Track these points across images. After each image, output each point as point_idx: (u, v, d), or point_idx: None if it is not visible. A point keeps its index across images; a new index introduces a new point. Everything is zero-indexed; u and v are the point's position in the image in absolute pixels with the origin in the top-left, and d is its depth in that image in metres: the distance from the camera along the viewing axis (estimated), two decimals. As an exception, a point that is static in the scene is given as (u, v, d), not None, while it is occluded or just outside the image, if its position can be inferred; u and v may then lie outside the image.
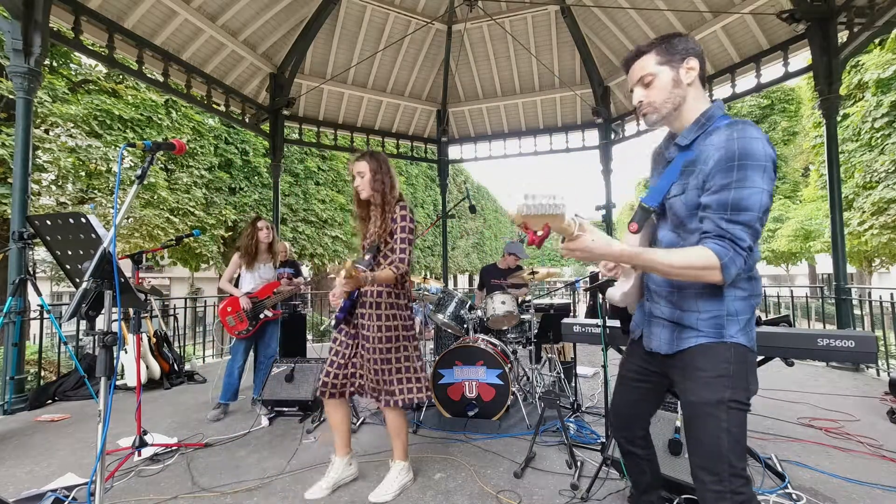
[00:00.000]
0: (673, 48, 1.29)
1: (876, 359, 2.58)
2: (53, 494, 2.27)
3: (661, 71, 1.30)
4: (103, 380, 1.17)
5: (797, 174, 22.11)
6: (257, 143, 12.31)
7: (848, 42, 4.98)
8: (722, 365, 1.24)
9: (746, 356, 1.26)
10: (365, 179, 2.35)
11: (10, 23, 3.92)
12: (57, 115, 7.63)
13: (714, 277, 1.17)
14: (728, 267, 1.16)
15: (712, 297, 1.27)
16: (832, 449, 2.83)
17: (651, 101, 1.33)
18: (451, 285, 29.48)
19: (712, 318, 1.27)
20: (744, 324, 1.26)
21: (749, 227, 1.16)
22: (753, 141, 1.16)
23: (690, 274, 1.20)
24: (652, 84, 1.31)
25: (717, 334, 1.26)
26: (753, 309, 1.29)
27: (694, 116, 1.31)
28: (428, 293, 4.29)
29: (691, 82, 1.30)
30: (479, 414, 3.44)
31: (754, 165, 1.15)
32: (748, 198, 1.15)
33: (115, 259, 1.18)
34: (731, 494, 1.20)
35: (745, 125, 1.20)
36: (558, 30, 7.47)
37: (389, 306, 2.32)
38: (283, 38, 6.95)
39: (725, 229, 1.17)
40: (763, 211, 1.17)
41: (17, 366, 3.95)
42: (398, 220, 2.30)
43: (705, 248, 1.17)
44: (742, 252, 1.16)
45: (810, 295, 7.56)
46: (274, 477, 2.58)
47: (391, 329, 2.30)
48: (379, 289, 2.31)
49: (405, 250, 2.29)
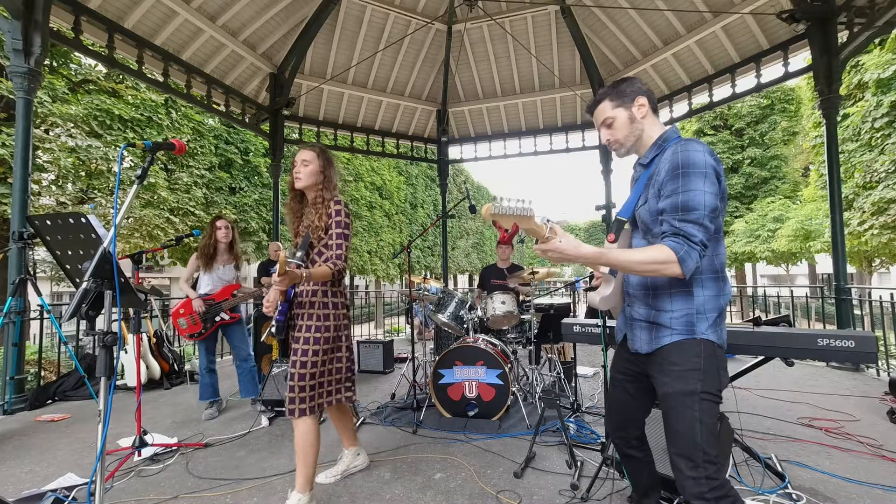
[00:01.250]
0: (623, 93, 1.53)
1: (876, 359, 2.58)
2: (53, 494, 2.27)
3: (618, 113, 1.53)
4: (103, 380, 1.17)
5: (797, 174, 22.10)
6: (257, 143, 12.31)
7: (848, 42, 4.98)
8: (693, 359, 1.37)
9: (715, 351, 1.38)
10: (308, 169, 2.25)
11: (10, 23, 3.92)
12: (57, 115, 7.63)
13: (674, 270, 1.30)
14: (685, 260, 1.28)
15: (683, 296, 1.41)
16: (832, 449, 2.83)
17: (616, 139, 1.56)
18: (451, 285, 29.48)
19: (683, 315, 1.40)
20: (712, 321, 1.39)
21: (698, 223, 1.31)
22: (694, 153, 1.34)
23: (652, 269, 1.33)
24: (613, 125, 1.55)
25: (689, 331, 1.39)
26: (722, 308, 1.42)
27: (652, 141, 1.53)
28: (428, 293, 4.29)
29: (644, 116, 1.53)
30: (479, 414, 3.44)
31: (696, 172, 1.33)
32: (693, 199, 1.32)
33: (115, 259, 1.18)
34: (706, 479, 1.30)
35: (688, 141, 1.39)
36: (558, 30, 7.47)
37: (323, 306, 2.21)
38: (283, 38, 6.95)
39: (679, 227, 1.32)
40: (709, 209, 1.32)
41: (17, 366, 3.96)
42: (333, 214, 2.20)
43: (663, 245, 1.32)
44: (695, 246, 1.30)
45: (810, 295, 7.56)
46: (274, 477, 2.58)
47: (327, 330, 2.19)
48: (313, 287, 2.20)
49: (342, 246, 2.19)
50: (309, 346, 2.13)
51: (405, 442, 3.11)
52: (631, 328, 1.57)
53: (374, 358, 5.38)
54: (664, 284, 1.43)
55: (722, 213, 1.40)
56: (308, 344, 2.13)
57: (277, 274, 1.83)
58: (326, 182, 2.27)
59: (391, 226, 18.59)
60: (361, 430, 3.37)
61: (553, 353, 4.22)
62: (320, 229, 2.19)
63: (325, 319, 2.18)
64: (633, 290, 1.55)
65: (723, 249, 1.44)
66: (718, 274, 1.41)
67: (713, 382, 1.35)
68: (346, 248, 2.20)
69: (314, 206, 2.24)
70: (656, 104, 1.57)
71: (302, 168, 2.25)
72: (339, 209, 2.21)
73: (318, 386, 2.18)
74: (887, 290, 5.12)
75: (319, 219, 2.19)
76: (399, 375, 4.51)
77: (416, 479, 2.53)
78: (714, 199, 1.32)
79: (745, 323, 2.43)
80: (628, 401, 1.66)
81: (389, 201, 18.66)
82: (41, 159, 7.67)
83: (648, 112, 1.53)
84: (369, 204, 17.05)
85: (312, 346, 2.13)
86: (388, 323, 13.07)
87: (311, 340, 2.14)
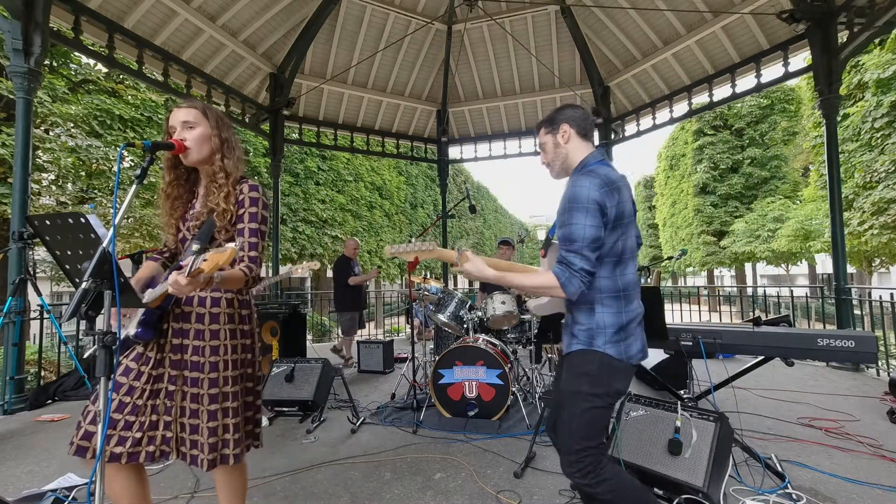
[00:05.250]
0: (553, 120, 1.71)
1: (876, 359, 2.58)
2: (53, 494, 2.27)
3: (548, 139, 1.73)
4: (103, 380, 1.16)
5: (797, 174, 22.09)
6: (257, 143, 12.31)
7: (848, 42, 4.98)
8: (588, 366, 1.55)
9: (611, 363, 1.53)
10: (196, 133, 1.56)
11: (10, 23, 3.92)
12: (57, 114, 7.63)
13: (558, 293, 1.49)
14: (566, 285, 1.46)
15: (587, 312, 1.58)
16: (832, 449, 2.83)
17: (547, 161, 1.76)
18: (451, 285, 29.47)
19: (586, 329, 1.57)
20: (610, 336, 1.54)
21: (577, 253, 1.47)
22: (580, 189, 1.49)
23: (542, 291, 1.60)
24: (544, 149, 1.75)
25: (588, 343, 1.56)
26: (623, 324, 1.55)
27: (575, 165, 1.67)
28: (428, 293, 4.29)
29: (567, 141, 1.68)
30: (479, 414, 3.44)
31: (578, 207, 1.48)
32: (574, 232, 1.48)
33: (114, 259, 1.18)
34: (575, 463, 1.52)
35: (581, 176, 1.54)
36: (558, 30, 7.47)
37: (229, 319, 1.56)
38: (283, 38, 6.95)
39: (564, 256, 1.50)
40: (590, 241, 1.46)
41: (17, 366, 3.95)
42: (247, 201, 1.56)
43: (550, 271, 1.51)
44: (576, 273, 1.46)
45: (810, 295, 7.57)
46: (274, 477, 2.58)
47: (233, 351, 1.56)
48: (215, 295, 1.55)
49: (257, 246, 1.55)
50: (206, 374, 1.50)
51: (405, 442, 3.11)
52: (563, 331, 1.76)
53: (374, 358, 5.38)
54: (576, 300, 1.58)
55: (623, 237, 1.53)
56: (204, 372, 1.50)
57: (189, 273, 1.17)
58: (227, 149, 1.62)
59: (391, 226, 18.59)
60: (361, 429, 3.37)
61: (553, 353, 4.22)
62: (230, 213, 1.55)
63: (229, 338, 1.55)
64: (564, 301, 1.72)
65: (630, 270, 1.58)
66: (620, 293, 1.55)
67: (602, 387, 1.53)
68: (262, 249, 1.58)
69: (215, 184, 1.57)
70: (587, 129, 1.69)
71: (185, 132, 1.55)
72: (256, 197, 1.57)
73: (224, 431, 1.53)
74: (887, 290, 5.12)
75: (227, 200, 1.55)
76: (399, 375, 4.51)
77: (416, 479, 2.53)
78: (594, 230, 1.46)
79: (745, 323, 2.44)
80: None
81: (389, 201, 18.66)
82: (41, 159, 7.66)
83: (572, 137, 1.67)
84: (369, 204, 17.05)
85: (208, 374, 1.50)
86: (388, 323, 13.08)
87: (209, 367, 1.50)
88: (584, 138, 1.69)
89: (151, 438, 1.49)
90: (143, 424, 1.49)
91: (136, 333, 1.48)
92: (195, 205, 1.66)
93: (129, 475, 1.52)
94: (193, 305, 1.54)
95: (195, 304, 1.54)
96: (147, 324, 1.50)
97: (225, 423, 1.51)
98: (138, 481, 1.55)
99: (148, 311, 1.49)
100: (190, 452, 1.50)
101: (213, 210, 1.55)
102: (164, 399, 1.51)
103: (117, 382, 1.49)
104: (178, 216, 1.66)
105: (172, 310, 1.55)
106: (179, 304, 1.55)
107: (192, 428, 1.49)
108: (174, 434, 1.50)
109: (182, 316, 1.54)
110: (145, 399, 1.50)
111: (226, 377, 1.53)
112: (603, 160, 1.65)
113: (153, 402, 1.51)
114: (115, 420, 1.46)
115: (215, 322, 1.54)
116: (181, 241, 1.67)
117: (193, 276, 1.17)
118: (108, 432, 1.44)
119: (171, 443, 1.51)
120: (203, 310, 1.54)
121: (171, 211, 1.66)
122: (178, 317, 1.54)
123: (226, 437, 1.51)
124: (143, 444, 1.48)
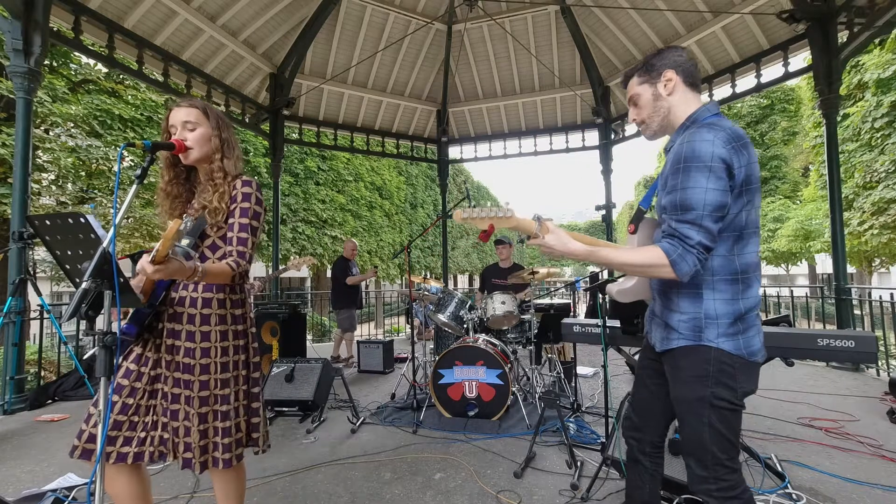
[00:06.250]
0: (651, 67, 1.41)
1: (876, 359, 2.58)
2: (53, 494, 2.27)
3: (643, 90, 1.43)
4: (103, 380, 1.17)
5: (797, 174, 22.09)
6: (257, 143, 12.31)
7: (848, 42, 4.98)
8: (702, 366, 1.28)
9: (730, 360, 1.27)
10: (197, 134, 1.56)
11: (10, 23, 3.92)
12: (57, 114, 7.63)
13: (667, 273, 1.23)
14: (678, 263, 1.21)
15: (690, 298, 1.31)
16: (832, 449, 2.83)
17: (641, 118, 1.46)
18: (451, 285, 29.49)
19: (691, 319, 1.30)
20: (725, 327, 1.27)
21: (695, 224, 1.21)
22: (702, 143, 1.22)
23: (643, 271, 1.30)
24: (638, 102, 1.45)
25: (696, 337, 1.29)
26: (741, 313, 1.28)
27: (681, 121, 1.39)
28: (428, 293, 4.29)
29: (671, 92, 1.39)
30: (479, 414, 3.44)
31: (698, 166, 1.21)
32: (691, 197, 1.21)
33: (114, 259, 1.18)
34: (714, 479, 1.27)
35: (700, 129, 1.26)
36: (558, 30, 7.47)
37: (220, 319, 1.53)
38: (283, 38, 6.95)
39: (675, 228, 1.23)
40: (712, 208, 1.20)
41: (17, 366, 3.95)
42: (240, 197, 1.55)
43: (657, 246, 1.25)
44: (691, 249, 1.21)
45: (810, 295, 7.57)
46: (274, 477, 2.58)
47: (224, 353, 1.52)
48: (206, 294, 1.53)
49: (246, 241, 1.53)
50: (196, 375, 1.47)
51: (405, 442, 3.11)
52: (650, 322, 1.51)
53: (374, 358, 5.39)
54: (673, 282, 1.32)
55: (747, 206, 1.26)
56: (194, 373, 1.47)
57: (153, 259, 1.16)
58: (226, 149, 1.62)
59: (391, 226, 18.59)
60: (361, 429, 3.37)
61: (553, 353, 4.22)
62: (222, 212, 1.54)
63: (220, 339, 1.52)
64: (653, 284, 1.47)
65: (751, 248, 1.30)
66: (738, 276, 1.28)
67: (726, 389, 1.26)
68: (253, 246, 1.56)
69: (212, 182, 1.57)
70: (695, 78, 1.40)
71: (185, 132, 1.56)
72: (250, 192, 1.56)
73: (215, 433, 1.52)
74: (887, 290, 5.12)
75: (221, 198, 1.54)
76: (399, 375, 4.51)
77: (416, 479, 2.53)
78: (719, 195, 1.20)
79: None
80: (648, 398, 1.56)
81: (389, 201, 18.67)
82: (41, 159, 7.66)
83: (678, 87, 1.38)
84: (369, 204, 17.05)
85: (199, 375, 1.48)
86: (388, 323, 13.07)
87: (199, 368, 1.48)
88: (693, 88, 1.39)
89: (153, 438, 1.50)
90: (146, 425, 1.50)
91: (122, 329, 1.45)
92: (194, 203, 1.65)
93: (130, 476, 1.51)
94: (185, 306, 1.52)
95: (187, 305, 1.52)
96: (135, 321, 1.48)
97: (214, 425, 1.49)
98: (140, 481, 1.54)
99: (138, 309, 1.47)
100: (182, 455, 1.48)
101: (205, 207, 1.55)
102: (160, 400, 1.51)
103: (119, 385, 1.49)
104: (177, 214, 1.64)
105: (166, 310, 1.53)
106: (172, 305, 1.52)
107: (185, 430, 1.48)
108: (170, 436, 1.50)
109: (175, 316, 1.52)
110: (146, 400, 1.51)
111: (216, 379, 1.50)
112: (719, 114, 1.36)
113: (154, 402, 1.52)
114: (121, 422, 1.46)
115: (206, 323, 1.51)
116: None
117: (157, 261, 1.15)
118: (114, 433, 1.46)
119: (168, 444, 1.50)
120: (194, 311, 1.51)
121: (170, 209, 1.65)
122: (172, 317, 1.52)
123: (215, 440, 1.49)
124: (146, 443, 1.49)
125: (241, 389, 1.58)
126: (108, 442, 1.44)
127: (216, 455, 1.50)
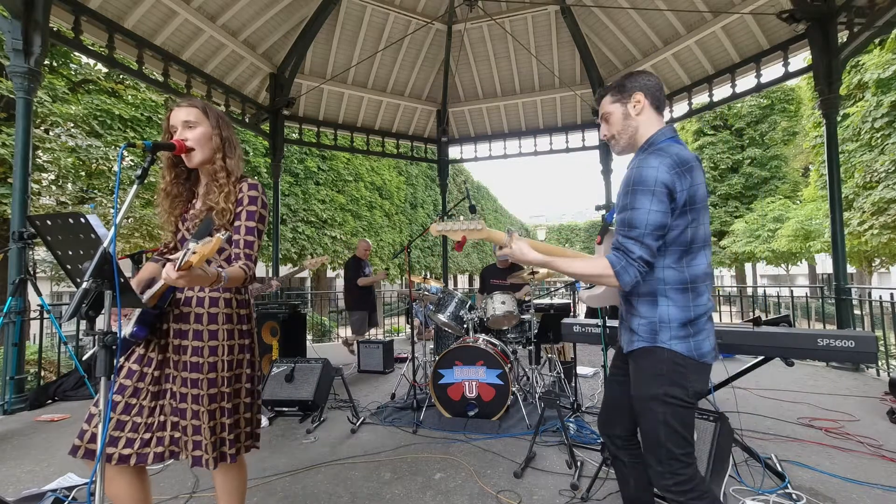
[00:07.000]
0: (623, 88, 1.53)
1: (876, 359, 2.58)
2: (53, 494, 2.27)
3: (615, 108, 1.55)
4: (103, 380, 1.17)
5: (797, 174, 22.10)
6: (257, 143, 12.31)
7: (848, 42, 4.98)
8: (658, 365, 1.41)
9: (684, 361, 1.39)
10: (197, 133, 1.55)
11: (10, 23, 3.92)
12: (57, 114, 7.63)
13: (612, 283, 1.39)
14: (621, 274, 1.36)
15: (648, 304, 1.44)
16: (832, 449, 2.83)
17: (611, 134, 1.58)
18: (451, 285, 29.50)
19: (648, 323, 1.43)
20: (676, 330, 1.39)
21: (637, 241, 1.35)
22: (647, 169, 1.35)
23: (592, 279, 1.49)
24: (609, 120, 1.57)
25: (652, 339, 1.42)
26: (691, 319, 1.40)
27: (642, 142, 1.52)
28: (428, 293, 4.29)
29: (639, 113, 1.51)
30: (479, 414, 3.44)
31: (643, 190, 1.35)
32: (636, 217, 1.36)
33: (115, 259, 1.18)
34: (670, 474, 1.38)
35: (649, 156, 1.39)
36: (558, 30, 7.47)
37: (227, 319, 1.56)
38: (283, 38, 6.95)
39: (621, 243, 1.38)
40: (653, 228, 1.35)
41: (17, 366, 3.95)
42: (245, 200, 1.56)
43: (605, 257, 1.40)
44: (633, 262, 1.35)
45: (810, 295, 7.57)
46: (274, 477, 2.58)
47: (230, 351, 1.55)
48: (213, 295, 1.55)
49: (253, 244, 1.55)
50: (205, 374, 1.49)
51: (405, 442, 3.11)
52: (619, 326, 1.64)
53: (374, 358, 5.39)
54: (633, 290, 1.45)
55: (692, 224, 1.38)
56: (202, 372, 1.49)
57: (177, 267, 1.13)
58: (228, 148, 1.61)
59: (391, 226, 18.58)
60: (361, 429, 3.37)
61: (553, 353, 4.23)
62: (229, 213, 1.54)
63: (228, 338, 1.55)
64: (619, 291, 1.58)
65: (700, 261, 1.41)
66: (688, 286, 1.40)
67: (679, 388, 1.38)
68: (259, 248, 1.58)
69: (216, 183, 1.58)
70: (661, 101, 1.53)
71: (186, 132, 1.55)
72: (256, 196, 1.57)
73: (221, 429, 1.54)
74: (887, 290, 5.12)
75: (227, 199, 1.54)
76: (399, 375, 4.51)
77: (416, 479, 2.53)
78: (660, 216, 1.34)
79: (745, 323, 2.43)
80: (616, 397, 1.66)
81: (389, 201, 18.65)
82: (41, 159, 7.65)
83: (646, 109, 1.50)
84: (369, 204, 17.04)
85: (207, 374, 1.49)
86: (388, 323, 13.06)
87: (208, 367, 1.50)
88: (657, 111, 1.52)
89: (160, 439, 1.50)
90: (150, 425, 1.49)
91: (132, 332, 1.47)
92: (195, 204, 1.65)
93: (131, 477, 1.51)
94: (192, 306, 1.53)
95: (194, 305, 1.53)
96: (143, 322, 1.49)
97: (222, 421, 1.52)
98: (140, 482, 1.54)
99: (145, 310, 1.48)
100: (192, 454, 1.49)
101: (212, 208, 1.55)
102: (169, 400, 1.52)
103: (121, 385, 1.49)
104: (177, 215, 1.65)
105: (172, 310, 1.54)
106: (179, 305, 1.54)
107: (194, 429, 1.49)
108: (181, 435, 1.51)
109: (181, 317, 1.53)
110: (150, 400, 1.51)
111: (223, 377, 1.52)
112: (674, 137, 1.48)
113: (160, 402, 1.52)
114: (123, 422, 1.47)
115: (213, 322, 1.53)
116: (180, 241, 1.66)
117: (184, 269, 1.14)
118: (116, 434, 1.46)
119: (180, 443, 1.51)
120: (202, 310, 1.53)
121: (170, 210, 1.65)
122: (178, 317, 1.53)
123: (223, 436, 1.53)
124: (151, 444, 1.49)
125: (244, 387, 1.60)
126: (111, 442, 1.44)
127: (224, 450, 1.53)
